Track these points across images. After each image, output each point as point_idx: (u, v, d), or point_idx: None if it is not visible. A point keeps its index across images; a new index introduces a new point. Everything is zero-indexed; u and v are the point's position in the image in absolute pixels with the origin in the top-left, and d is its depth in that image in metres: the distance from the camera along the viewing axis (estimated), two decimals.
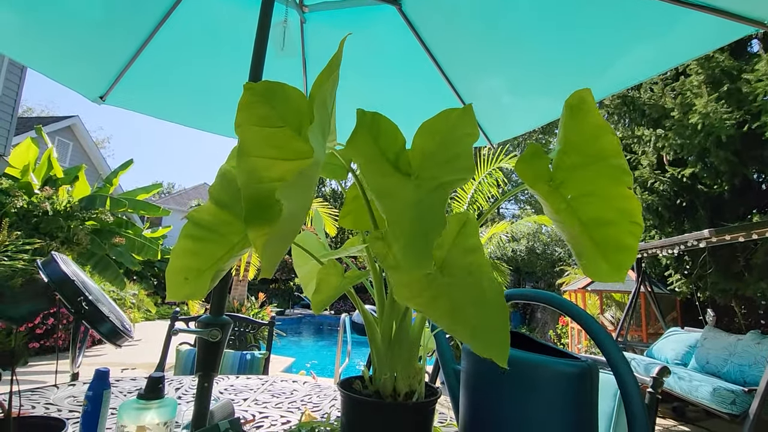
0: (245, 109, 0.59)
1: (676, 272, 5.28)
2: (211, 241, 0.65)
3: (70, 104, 68.71)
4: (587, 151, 0.62)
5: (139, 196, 7.08)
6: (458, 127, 0.60)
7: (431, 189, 0.55)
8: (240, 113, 0.59)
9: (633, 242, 0.59)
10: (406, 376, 0.79)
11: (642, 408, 0.57)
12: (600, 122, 0.62)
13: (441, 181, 0.55)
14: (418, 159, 0.59)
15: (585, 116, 0.62)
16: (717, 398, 2.95)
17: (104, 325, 1.65)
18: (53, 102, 57.87)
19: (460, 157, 0.57)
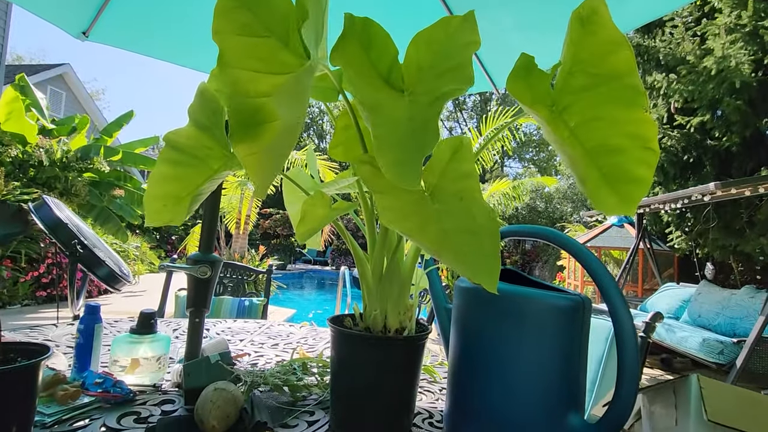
0: (222, 14, 0.53)
1: (677, 229, 5.28)
2: (190, 166, 0.61)
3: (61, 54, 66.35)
4: (597, 70, 0.57)
5: (136, 150, 6.98)
6: (458, 35, 0.54)
7: (426, 104, 0.50)
8: (217, 19, 0.53)
9: (645, 172, 0.55)
10: (397, 312, 0.78)
11: (633, 341, 0.56)
12: (615, 36, 0.55)
13: (437, 94, 0.50)
14: (413, 73, 0.53)
15: (597, 30, 0.56)
16: (705, 348, 3.04)
17: (101, 269, 1.66)
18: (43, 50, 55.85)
19: (461, 66, 0.52)
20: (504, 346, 0.63)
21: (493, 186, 8.35)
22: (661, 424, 0.57)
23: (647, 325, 1.25)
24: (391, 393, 0.74)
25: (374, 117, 0.48)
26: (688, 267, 5.61)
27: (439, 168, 0.56)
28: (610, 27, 0.55)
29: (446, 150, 0.56)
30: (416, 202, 0.53)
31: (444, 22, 0.54)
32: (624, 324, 0.55)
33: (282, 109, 0.43)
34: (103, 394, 0.77)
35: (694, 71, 4.83)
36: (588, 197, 0.57)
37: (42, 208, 1.64)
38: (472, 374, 0.67)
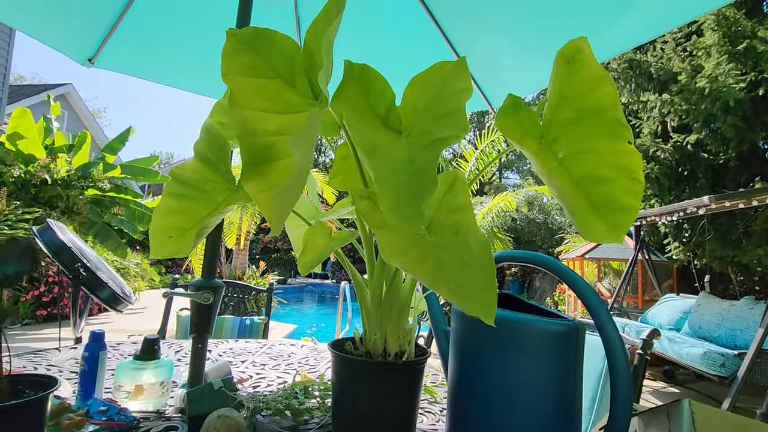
0: (230, 56, 0.56)
1: (675, 240, 5.30)
2: (195, 199, 0.63)
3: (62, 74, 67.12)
4: (582, 105, 0.60)
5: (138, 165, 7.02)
6: (451, 81, 0.57)
7: (423, 146, 0.53)
8: (225, 61, 0.56)
9: (632, 201, 0.57)
10: (396, 336, 0.80)
11: (626, 366, 0.57)
12: (598, 73, 0.59)
13: (434, 138, 0.53)
14: (410, 115, 0.56)
15: (581, 67, 0.59)
16: (707, 361, 3.03)
17: (103, 291, 1.67)
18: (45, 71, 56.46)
19: (454, 113, 0.55)
20: (501, 370, 0.65)
21: (494, 200, 8.38)
22: None
23: (645, 342, 1.26)
24: (392, 417, 0.75)
25: (373, 159, 0.51)
26: (687, 277, 5.62)
27: (436, 201, 0.58)
28: (593, 64, 0.59)
29: (442, 184, 0.58)
30: (414, 237, 0.55)
31: (438, 66, 0.58)
32: (615, 348, 0.57)
33: (294, 149, 0.45)
34: (108, 422, 0.78)
35: (687, 89, 4.90)
36: (577, 227, 0.60)
37: (46, 232, 1.66)
38: (470, 397, 0.69)
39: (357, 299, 0.81)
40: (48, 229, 1.67)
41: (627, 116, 6.26)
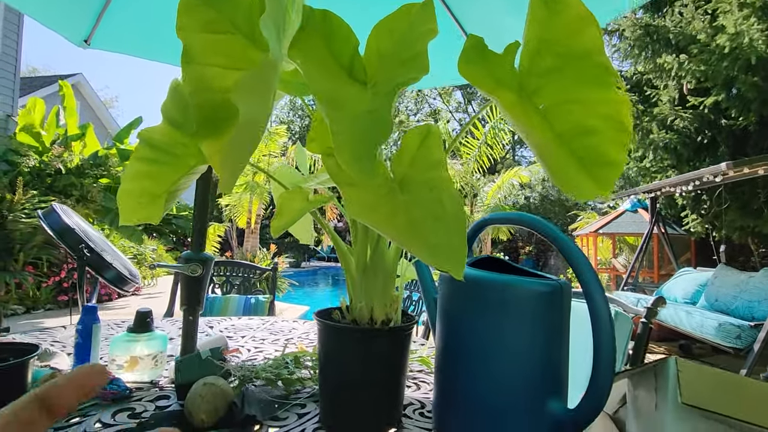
0: (186, 11, 0.53)
1: (693, 212, 5.15)
2: (166, 164, 0.62)
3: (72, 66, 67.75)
4: (565, 50, 0.55)
5: None
6: (419, 24, 0.53)
7: (385, 94, 0.50)
8: (181, 16, 0.53)
9: (619, 154, 0.53)
10: (383, 304, 0.78)
11: (611, 335, 0.54)
12: (583, 12, 0.54)
13: (395, 84, 0.50)
14: (375, 62, 0.53)
15: (563, 8, 0.55)
16: (722, 333, 2.97)
17: (109, 272, 1.70)
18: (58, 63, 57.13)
19: (418, 56, 0.51)
20: (484, 333, 0.63)
21: (504, 176, 8.25)
22: (643, 408, 0.56)
23: (649, 311, 1.22)
24: (379, 384, 0.74)
25: (335, 112, 0.48)
26: (705, 251, 5.47)
27: (408, 157, 0.55)
28: (576, 3, 0.54)
29: (415, 138, 0.55)
30: (385, 194, 0.53)
31: (405, 10, 0.54)
32: (599, 309, 0.54)
33: (242, 105, 0.43)
34: (100, 391, 0.79)
35: (706, 50, 4.68)
36: (559, 184, 0.56)
37: (51, 215, 1.69)
38: (454, 362, 0.67)
39: (342, 267, 0.80)
40: (52, 212, 1.70)
41: (643, 87, 6.03)
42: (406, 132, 0.55)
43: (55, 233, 1.63)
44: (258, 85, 0.45)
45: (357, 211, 0.51)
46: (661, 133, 5.16)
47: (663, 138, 5.17)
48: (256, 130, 0.47)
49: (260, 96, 0.46)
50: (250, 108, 0.44)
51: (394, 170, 0.55)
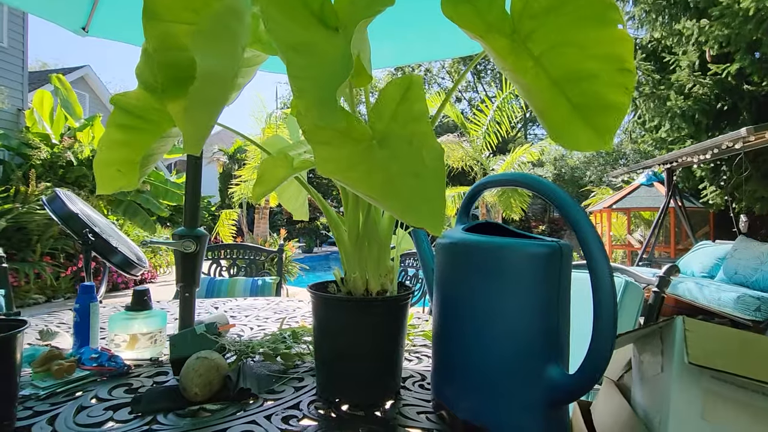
0: None
1: (711, 183, 4.98)
2: (143, 131, 0.60)
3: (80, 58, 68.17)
4: None
5: None
6: None
7: (355, 33, 0.46)
8: None
9: (622, 97, 0.49)
10: (377, 275, 0.76)
11: (611, 298, 0.50)
12: None
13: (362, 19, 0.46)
14: (346, 6, 0.49)
15: None
16: (741, 305, 2.89)
17: (115, 256, 1.71)
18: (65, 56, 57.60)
19: None
20: (481, 298, 0.60)
21: (515, 153, 8.09)
22: (649, 372, 0.53)
23: (661, 279, 1.18)
24: (375, 355, 0.73)
25: (303, 59, 0.45)
26: (724, 224, 5.31)
27: (389, 112, 0.52)
28: None
29: (396, 91, 0.51)
30: (363, 151, 0.50)
31: None
32: (600, 271, 0.50)
33: (200, 55, 0.39)
34: (98, 368, 0.79)
35: (728, 12, 4.43)
36: (555, 136, 0.52)
37: (55, 201, 1.69)
38: (451, 329, 0.65)
39: (334, 238, 0.77)
40: (57, 198, 1.71)
41: (660, 54, 5.78)
42: (386, 85, 0.51)
43: (60, 219, 1.64)
44: (217, 34, 0.41)
45: (332, 170, 0.47)
46: (679, 99, 4.94)
47: (681, 106, 4.96)
48: (221, 84, 0.44)
49: (221, 46, 0.43)
50: (210, 59, 0.41)
51: (373, 126, 0.51)
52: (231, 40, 0.44)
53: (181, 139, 0.82)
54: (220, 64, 0.43)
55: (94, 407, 0.67)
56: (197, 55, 0.39)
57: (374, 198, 0.47)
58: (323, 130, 0.50)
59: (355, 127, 0.49)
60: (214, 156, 10.65)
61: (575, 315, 0.64)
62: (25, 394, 0.69)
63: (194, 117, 0.42)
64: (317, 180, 11.12)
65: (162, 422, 0.62)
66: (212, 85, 0.43)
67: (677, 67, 5.13)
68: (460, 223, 0.75)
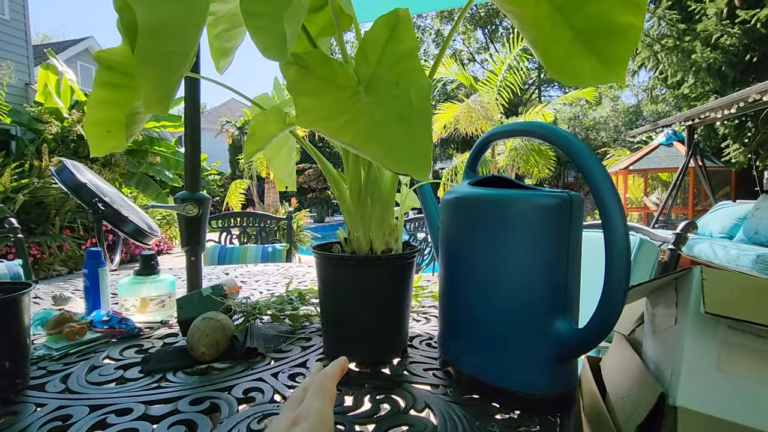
0: None
1: (735, 141, 4.77)
2: (130, 88, 0.57)
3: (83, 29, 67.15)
4: None
5: None
6: None
7: None
8: None
9: (633, 17, 0.43)
10: (381, 234, 0.74)
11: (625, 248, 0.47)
12: None
13: None
14: None
15: None
16: (760, 265, 2.82)
17: (126, 225, 1.73)
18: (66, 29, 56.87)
19: None
20: (487, 253, 0.58)
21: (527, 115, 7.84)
22: (662, 325, 0.51)
23: (678, 237, 1.14)
24: (380, 313, 0.72)
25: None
26: (746, 184, 5.13)
27: (375, 54, 0.48)
28: None
29: (382, 30, 0.47)
30: (348, 99, 0.46)
31: None
32: (614, 221, 0.47)
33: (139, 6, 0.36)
34: (109, 330, 0.81)
35: None
36: (552, 70, 0.48)
37: (63, 172, 1.70)
38: (457, 286, 0.63)
39: (335, 197, 0.75)
40: (64, 169, 1.71)
41: (685, 2, 5.41)
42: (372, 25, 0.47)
43: (69, 189, 1.65)
44: None
45: (311, 119, 0.44)
46: (705, 51, 4.65)
47: (707, 58, 4.68)
48: (173, 37, 0.40)
49: None
50: (152, 10, 0.37)
51: (359, 70, 0.48)
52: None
53: None
54: (170, 15, 0.40)
55: (106, 366, 0.68)
56: (135, 5, 0.35)
57: (356, 146, 0.44)
58: (307, 78, 0.47)
59: (339, 73, 0.46)
60: (223, 128, 10.59)
61: (588, 274, 0.62)
62: (39, 356, 0.71)
63: (147, 75, 0.39)
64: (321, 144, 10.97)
65: (171, 380, 0.63)
66: (160, 39, 0.39)
67: (704, 16, 4.80)
68: (466, 178, 0.72)
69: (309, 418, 0.33)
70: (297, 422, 0.33)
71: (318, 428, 0.32)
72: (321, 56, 0.49)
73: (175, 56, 0.41)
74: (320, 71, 0.49)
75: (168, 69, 0.41)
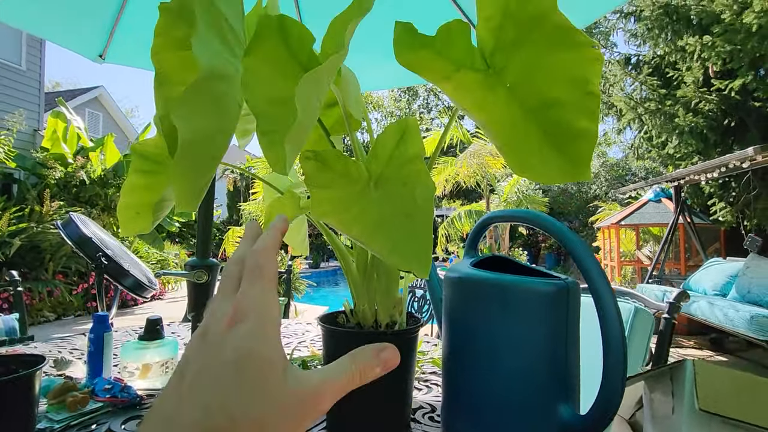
0: (161, 33, 0.53)
1: (720, 200, 4.94)
2: (158, 173, 0.62)
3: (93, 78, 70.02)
4: (524, 17, 0.51)
5: None
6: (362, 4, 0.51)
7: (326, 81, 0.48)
8: (156, 39, 0.53)
9: (588, 123, 0.49)
10: (386, 306, 0.77)
11: (619, 335, 0.51)
12: None
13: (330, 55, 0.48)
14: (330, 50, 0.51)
15: None
16: (755, 326, 2.83)
17: (127, 279, 1.74)
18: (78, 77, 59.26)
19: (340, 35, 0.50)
20: (488, 336, 0.61)
21: None
22: (660, 412, 0.53)
23: (671, 306, 1.17)
24: (385, 389, 0.73)
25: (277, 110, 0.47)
26: (735, 240, 5.24)
27: (385, 156, 0.53)
28: None
29: (392, 135, 0.53)
30: (359, 193, 0.51)
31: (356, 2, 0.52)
32: (607, 308, 0.51)
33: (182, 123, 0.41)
34: (111, 399, 0.80)
35: (731, 29, 4.47)
36: (519, 169, 0.53)
37: (69, 226, 1.74)
38: (460, 365, 0.65)
39: (342, 270, 0.79)
40: (71, 223, 1.75)
41: (664, 69, 5.81)
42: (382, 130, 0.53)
43: (74, 243, 1.68)
44: (199, 101, 0.43)
45: (327, 211, 0.49)
46: (688, 116, 4.94)
47: (689, 122, 4.96)
48: (208, 145, 0.46)
49: (206, 112, 0.44)
50: (191, 125, 0.42)
51: (370, 168, 0.53)
52: (215, 103, 0.45)
53: None
54: (205, 128, 0.44)
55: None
56: (177, 123, 0.40)
57: (363, 240, 0.48)
58: (323, 172, 0.52)
59: (352, 169, 0.51)
60: (225, 174, 10.79)
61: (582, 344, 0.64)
62: (40, 428, 0.70)
63: (181, 180, 0.44)
64: None
65: None
66: (198, 149, 0.44)
67: (682, 83, 5.15)
68: (468, 257, 0.76)
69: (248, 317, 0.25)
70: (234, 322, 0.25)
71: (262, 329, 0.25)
72: (336, 153, 0.55)
73: (208, 161, 0.46)
74: (336, 166, 0.55)
75: (200, 173, 0.46)
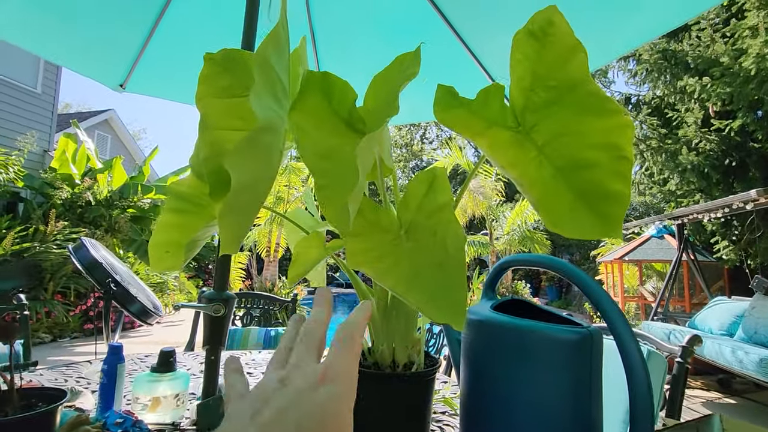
0: (205, 81, 0.57)
1: (723, 238, 4.95)
2: (192, 213, 0.64)
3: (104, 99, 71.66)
4: (557, 83, 0.54)
5: (169, 180, 7.37)
6: (406, 69, 0.54)
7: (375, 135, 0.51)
8: (201, 86, 0.57)
9: (622, 186, 0.52)
10: (404, 347, 0.77)
11: (646, 384, 0.52)
12: (572, 42, 0.53)
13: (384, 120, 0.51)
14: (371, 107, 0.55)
15: (554, 41, 0.54)
16: (764, 369, 2.78)
17: (134, 305, 1.73)
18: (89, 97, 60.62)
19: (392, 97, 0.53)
20: (509, 382, 0.61)
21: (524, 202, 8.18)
22: None
23: (684, 350, 1.17)
24: (400, 428, 0.72)
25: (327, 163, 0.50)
26: (739, 278, 5.21)
27: (415, 204, 0.56)
28: (569, 35, 0.53)
29: (421, 184, 0.56)
30: (391, 242, 0.53)
31: (398, 60, 0.56)
32: (632, 358, 0.52)
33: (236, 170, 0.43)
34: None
35: (729, 73, 4.62)
36: (552, 224, 0.55)
37: (80, 250, 1.74)
38: (478, 410, 0.65)
39: None
40: (82, 247, 1.76)
41: (663, 110, 5.96)
42: (411, 179, 0.56)
43: (84, 268, 1.68)
44: (252, 151, 0.46)
45: (361, 261, 0.51)
46: (691, 154, 5.03)
47: (691, 160, 5.04)
48: (256, 194, 0.48)
49: (257, 161, 0.47)
50: (246, 173, 0.45)
51: (401, 216, 0.55)
52: (265, 152, 0.48)
53: None
54: (255, 176, 0.47)
55: None
56: (232, 171, 0.43)
57: (399, 291, 0.50)
58: (356, 221, 0.54)
59: (384, 218, 0.53)
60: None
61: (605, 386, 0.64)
62: None
63: (229, 223, 0.46)
64: None
65: None
66: (247, 194, 0.46)
67: (683, 123, 5.28)
68: (486, 299, 0.77)
69: (336, 380, 0.25)
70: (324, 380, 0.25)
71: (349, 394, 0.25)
72: (370, 202, 0.57)
73: (255, 206, 0.48)
74: (369, 215, 0.57)
75: (247, 217, 0.48)
